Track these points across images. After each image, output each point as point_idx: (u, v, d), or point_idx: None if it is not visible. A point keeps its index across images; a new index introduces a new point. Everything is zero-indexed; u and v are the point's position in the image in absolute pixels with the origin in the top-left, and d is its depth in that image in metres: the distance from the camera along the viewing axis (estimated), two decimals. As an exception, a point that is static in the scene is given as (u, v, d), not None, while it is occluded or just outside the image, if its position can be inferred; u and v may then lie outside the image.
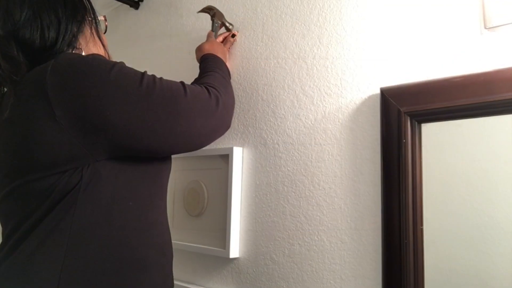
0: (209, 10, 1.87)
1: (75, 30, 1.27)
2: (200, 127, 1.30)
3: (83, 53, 1.27)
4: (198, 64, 1.69)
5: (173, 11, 2.25)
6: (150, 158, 1.27)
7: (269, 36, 1.75)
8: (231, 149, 1.76)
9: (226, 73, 1.61)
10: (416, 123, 1.28)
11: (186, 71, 1.99)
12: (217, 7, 1.90)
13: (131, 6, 2.50)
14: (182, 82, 1.30)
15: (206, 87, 1.37)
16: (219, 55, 1.68)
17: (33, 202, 1.14)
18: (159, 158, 1.31)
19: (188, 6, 2.16)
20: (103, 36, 1.40)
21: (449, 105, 1.20)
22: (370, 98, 1.42)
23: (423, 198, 1.25)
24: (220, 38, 1.86)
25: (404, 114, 1.28)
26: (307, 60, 1.60)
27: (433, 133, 1.26)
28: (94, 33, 1.35)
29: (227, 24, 1.87)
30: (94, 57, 1.16)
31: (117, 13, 2.63)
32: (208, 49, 1.70)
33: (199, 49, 1.72)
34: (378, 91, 1.38)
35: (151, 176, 1.29)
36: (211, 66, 1.57)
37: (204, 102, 1.32)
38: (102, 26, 1.41)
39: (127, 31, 2.56)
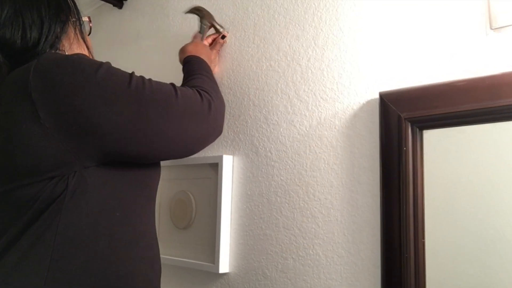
0: (197, 11, 1.86)
1: (59, 30, 1.27)
2: (192, 132, 1.30)
3: None
4: None
5: (159, 10, 2.26)
6: (139, 165, 1.27)
7: (261, 37, 1.75)
8: (221, 158, 1.76)
9: (212, 75, 1.61)
10: (417, 129, 1.28)
11: (174, 74, 1.99)
12: (206, 6, 1.90)
13: (114, 5, 2.50)
14: (172, 84, 1.30)
15: (197, 90, 1.37)
16: (203, 57, 1.67)
17: (14, 212, 1.13)
18: (148, 165, 1.30)
19: (175, 5, 2.16)
20: (87, 38, 1.40)
21: (452, 111, 1.20)
22: (369, 103, 1.42)
23: (424, 209, 1.25)
24: (209, 40, 1.86)
25: (404, 120, 1.28)
26: (302, 63, 1.61)
27: (435, 140, 1.26)
28: (78, 34, 1.35)
29: (218, 26, 1.87)
30: (79, 57, 1.16)
31: (99, 13, 2.63)
32: (191, 50, 1.69)
33: (182, 50, 1.72)
34: (377, 96, 1.39)
35: (140, 184, 1.28)
36: (196, 69, 1.57)
37: (197, 106, 1.32)
38: (86, 28, 1.41)
39: (110, 32, 2.56)
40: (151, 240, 1.32)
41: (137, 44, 2.36)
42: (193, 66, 1.59)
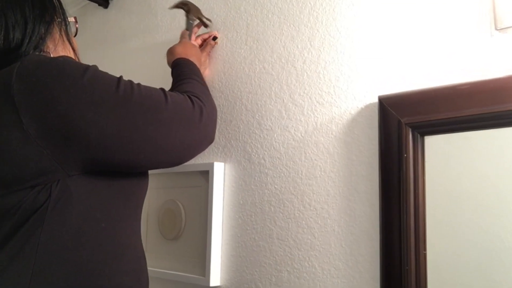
0: (183, 5, 1.85)
1: (43, 31, 1.26)
2: (182, 139, 1.30)
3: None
4: None
5: (147, 9, 2.25)
6: (125, 174, 1.27)
7: (254, 38, 1.75)
8: (212, 165, 1.76)
9: (203, 80, 1.61)
10: (419, 135, 1.28)
11: (163, 77, 1.98)
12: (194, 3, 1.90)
13: (99, 4, 2.50)
14: (162, 89, 1.30)
15: (188, 96, 1.36)
16: (193, 59, 1.67)
17: None
18: (135, 174, 1.30)
19: (163, 4, 2.16)
20: (73, 39, 1.40)
21: (456, 116, 1.20)
22: (367, 107, 1.42)
23: (426, 219, 1.25)
24: (199, 41, 1.85)
25: (405, 125, 1.28)
26: (297, 65, 1.60)
27: (437, 147, 1.26)
28: (64, 36, 1.34)
29: (205, 20, 1.87)
30: (64, 59, 1.15)
31: (84, 12, 2.62)
32: (181, 52, 1.69)
33: (170, 52, 1.71)
34: (376, 100, 1.39)
35: (126, 194, 1.28)
36: (186, 72, 1.57)
37: (188, 112, 1.32)
38: (72, 28, 1.40)
39: (95, 32, 2.55)
40: (137, 252, 1.31)
41: (123, 45, 2.36)
42: (183, 70, 1.59)
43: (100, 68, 1.20)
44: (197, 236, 1.82)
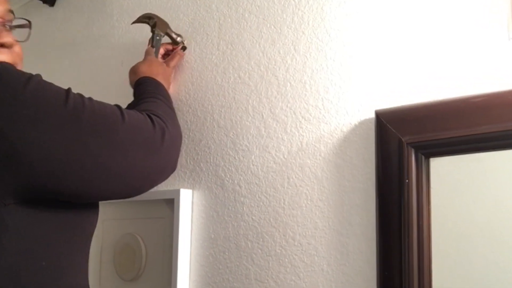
0: (148, 19, 1.86)
1: None
2: (140, 166, 1.30)
3: None
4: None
5: (100, 8, 2.26)
6: (72, 204, 1.25)
7: (228, 42, 1.75)
8: (178, 192, 1.76)
9: (171, 102, 1.62)
10: (423, 157, 1.28)
11: (119, 89, 1.98)
12: (160, 4, 1.91)
13: (44, 1, 2.50)
14: (117, 106, 1.30)
15: (148, 115, 1.36)
16: (160, 78, 1.68)
17: None
18: (84, 204, 1.29)
19: (121, 2, 2.16)
20: (18, 44, 1.39)
21: (467, 134, 1.20)
22: (362, 124, 1.42)
23: (432, 257, 1.25)
24: (161, 51, 1.84)
25: (407, 145, 1.28)
26: (278, 74, 1.61)
27: (445, 171, 1.27)
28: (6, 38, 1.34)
29: (174, 36, 1.87)
30: (3, 67, 1.15)
31: (26, 11, 2.61)
32: (145, 71, 1.69)
33: (133, 71, 1.72)
34: (373, 115, 1.38)
35: (72, 227, 1.27)
36: (149, 91, 1.58)
37: (147, 134, 1.32)
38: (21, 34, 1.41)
39: (39, 35, 2.53)
40: None
41: (72, 51, 2.36)
42: (147, 88, 1.60)
43: (45, 78, 1.19)
44: (160, 277, 1.81)
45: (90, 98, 1.23)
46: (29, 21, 1.44)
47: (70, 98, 1.18)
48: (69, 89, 1.20)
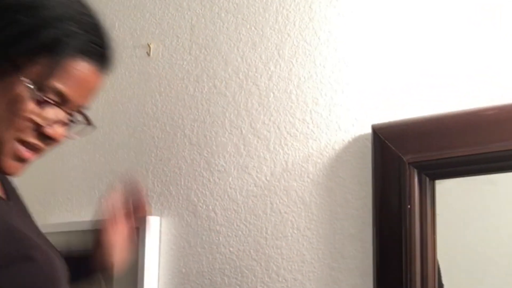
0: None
1: None
2: None
3: None
4: None
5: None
6: None
7: (201, 46, 1.75)
8: (143, 220, 1.73)
9: None
10: (428, 179, 1.28)
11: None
12: (122, 1, 1.90)
13: None
14: None
15: None
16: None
17: None
18: None
19: None
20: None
21: (477, 152, 1.21)
22: (357, 141, 1.42)
23: (437, 293, 1.26)
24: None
25: (409, 165, 1.29)
26: (260, 83, 1.61)
27: (452, 194, 1.28)
28: None
29: None
30: None
31: None
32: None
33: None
34: (369, 130, 1.38)
35: None
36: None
37: None
38: None
39: None
40: None
41: None
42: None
43: None
44: (122, 319, 1.79)
45: None
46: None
47: None
48: None
